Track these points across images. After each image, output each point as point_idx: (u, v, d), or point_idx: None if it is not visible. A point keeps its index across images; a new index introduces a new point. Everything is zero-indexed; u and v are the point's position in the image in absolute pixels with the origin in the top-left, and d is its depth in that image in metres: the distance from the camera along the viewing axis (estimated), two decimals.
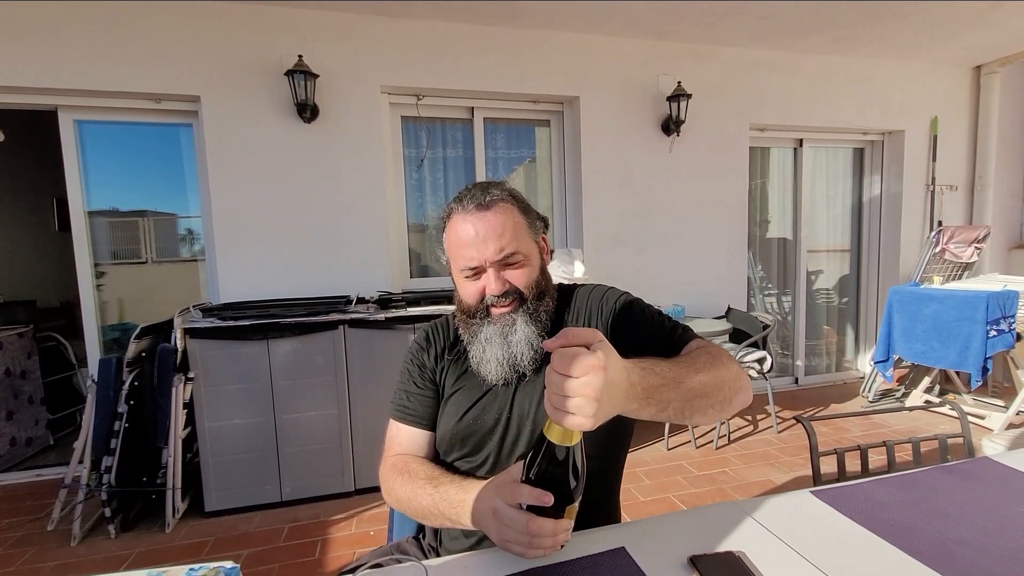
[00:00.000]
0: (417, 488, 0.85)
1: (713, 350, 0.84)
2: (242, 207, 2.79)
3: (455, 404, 0.97)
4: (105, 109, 2.74)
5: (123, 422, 2.22)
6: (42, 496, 2.64)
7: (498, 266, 0.90)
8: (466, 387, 0.98)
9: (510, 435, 0.94)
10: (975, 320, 2.89)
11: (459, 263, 0.92)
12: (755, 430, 3.34)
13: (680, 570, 0.73)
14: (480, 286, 0.92)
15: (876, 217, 4.25)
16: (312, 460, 2.51)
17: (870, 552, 0.77)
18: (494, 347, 0.92)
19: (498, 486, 0.71)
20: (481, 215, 0.90)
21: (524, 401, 0.94)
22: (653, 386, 0.67)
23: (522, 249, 0.92)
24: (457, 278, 0.96)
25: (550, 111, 3.43)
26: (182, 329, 2.26)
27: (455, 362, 1.02)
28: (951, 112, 4.10)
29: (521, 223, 0.93)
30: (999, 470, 1.02)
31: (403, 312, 2.53)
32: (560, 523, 0.67)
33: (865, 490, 0.96)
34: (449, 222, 0.94)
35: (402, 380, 1.04)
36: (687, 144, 3.49)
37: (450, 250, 0.95)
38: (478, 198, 0.91)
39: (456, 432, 0.95)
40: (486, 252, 0.89)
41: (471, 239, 0.89)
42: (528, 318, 0.92)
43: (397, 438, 1.00)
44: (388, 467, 0.94)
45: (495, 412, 0.95)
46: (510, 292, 0.91)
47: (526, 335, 0.91)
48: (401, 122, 3.18)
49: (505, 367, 0.92)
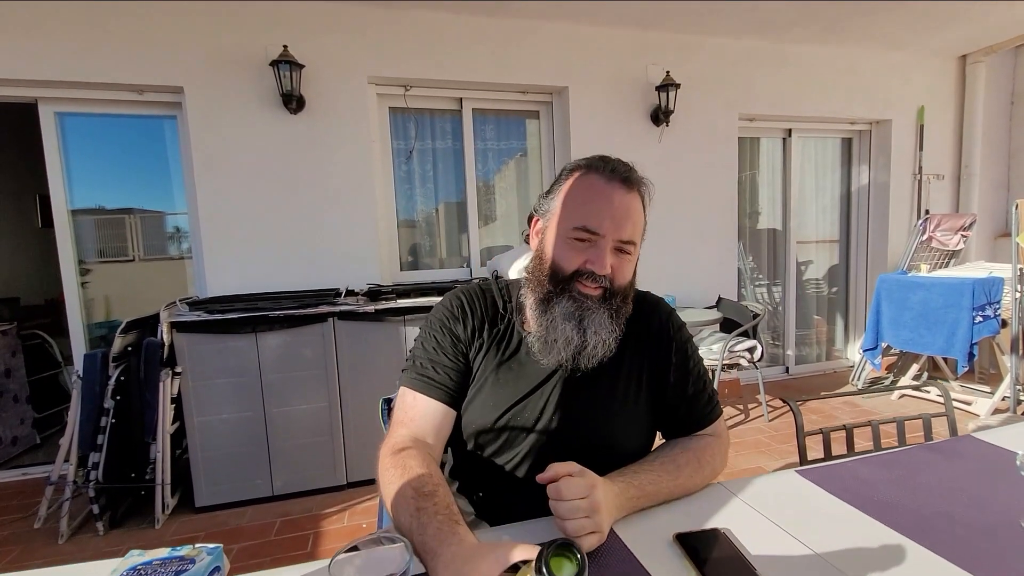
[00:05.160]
0: (402, 499, 0.74)
1: (707, 455, 0.91)
2: (228, 200, 2.76)
3: (495, 395, 0.90)
4: (87, 101, 2.69)
5: (110, 418, 2.20)
6: (28, 495, 2.60)
7: (615, 246, 0.86)
8: (509, 378, 0.91)
9: (549, 435, 0.89)
10: (961, 306, 2.93)
11: (578, 220, 0.85)
12: (746, 419, 3.36)
13: (666, 547, 0.74)
14: (584, 256, 0.85)
15: (864, 207, 4.28)
16: (303, 454, 2.49)
17: (854, 526, 0.78)
18: (568, 327, 0.86)
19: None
20: (626, 190, 0.85)
21: (571, 399, 0.90)
22: (634, 497, 0.80)
23: (636, 243, 0.88)
24: (556, 237, 0.87)
25: (539, 102, 3.41)
26: (168, 323, 2.24)
27: (495, 343, 0.94)
28: (937, 102, 4.13)
29: (642, 220, 0.89)
30: (982, 448, 1.03)
31: (393, 304, 2.52)
32: None
33: (849, 469, 0.97)
34: (581, 176, 0.88)
35: (425, 347, 0.93)
36: (677, 134, 3.49)
37: (570, 203, 0.87)
38: (625, 172, 0.87)
39: (493, 427, 0.90)
40: (615, 227, 0.84)
41: (607, 206, 0.84)
42: (610, 314, 0.87)
43: (413, 410, 0.89)
44: (389, 451, 0.83)
45: (538, 408, 0.90)
46: (607, 278, 0.86)
47: (603, 327, 0.86)
48: (389, 113, 3.15)
49: (570, 350, 0.87)
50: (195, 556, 0.58)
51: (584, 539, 0.70)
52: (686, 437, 0.96)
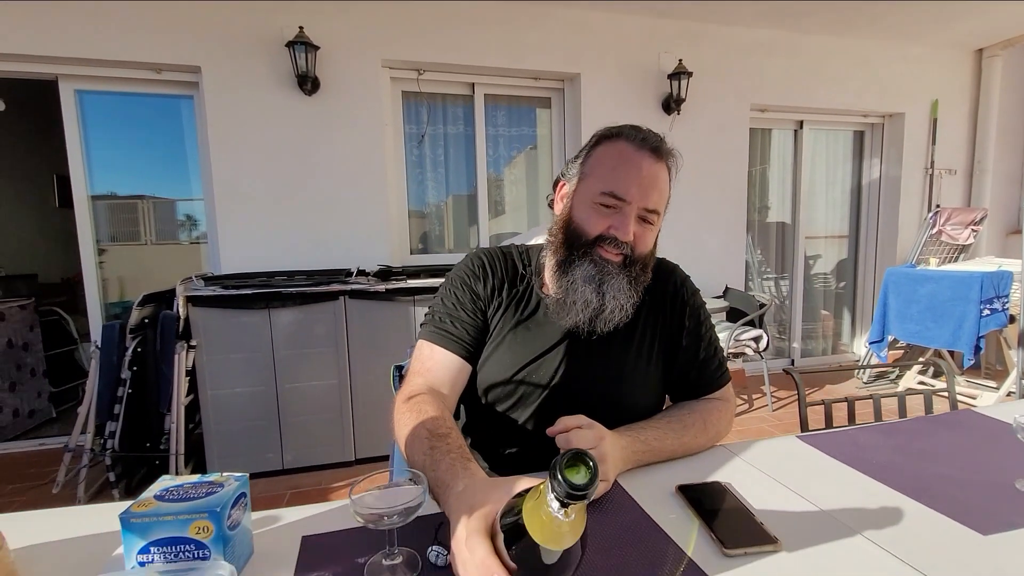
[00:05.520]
0: (416, 440, 0.77)
1: (713, 417, 0.94)
2: (243, 178, 2.80)
3: (511, 353, 0.93)
4: (106, 79, 2.74)
5: (127, 388, 2.26)
6: (46, 463, 2.68)
7: (639, 214, 0.87)
8: (524, 338, 0.94)
9: (562, 393, 0.91)
10: (969, 299, 2.92)
11: (605, 185, 0.86)
12: (750, 408, 3.39)
13: (668, 498, 0.77)
14: (608, 222, 0.86)
15: (875, 201, 4.26)
16: (313, 429, 2.55)
17: (852, 484, 0.80)
18: (587, 289, 0.87)
19: (470, 508, 0.54)
20: (655, 160, 0.87)
21: (585, 360, 0.93)
22: (640, 451, 0.84)
23: (660, 213, 0.90)
24: (582, 201, 0.89)
25: (551, 88, 3.42)
26: (184, 297, 2.28)
27: (514, 303, 0.96)
28: (951, 95, 4.09)
29: (668, 191, 0.91)
30: (981, 420, 1.05)
31: (404, 284, 2.56)
32: None
33: (850, 435, 0.99)
34: (611, 143, 0.89)
35: (445, 303, 0.96)
36: (688, 124, 3.49)
37: (598, 168, 0.89)
38: (655, 142, 0.88)
39: (507, 383, 0.92)
40: (641, 195, 0.85)
41: (635, 174, 0.85)
42: (629, 280, 0.89)
43: (429, 361, 0.91)
44: (404, 397, 0.86)
45: (553, 367, 0.92)
46: (629, 246, 0.87)
47: (622, 292, 0.88)
48: (402, 97, 3.18)
49: (588, 313, 0.88)
50: (223, 482, 0.61)
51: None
52: (694, 400, 0.99)
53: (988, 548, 0.63)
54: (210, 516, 0.55)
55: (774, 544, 0.63)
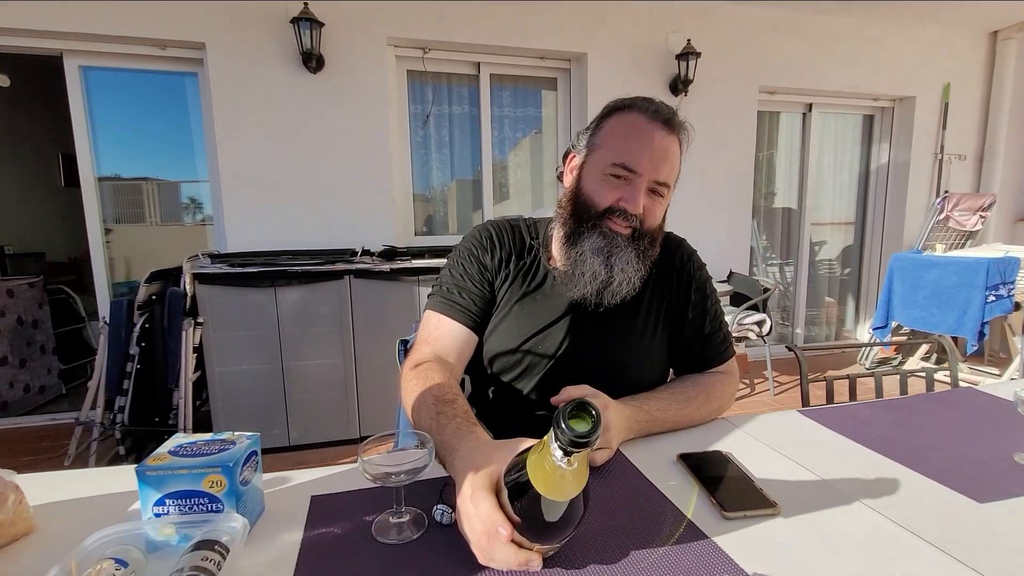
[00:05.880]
0: (423, 405, 0.78)
1: (716, 390, 0.95)
2: (248, 157, 2.79)
3: (516, 324, 0.94)
4: (110, 55, 2.72)
5: (135, 363, 2.29)
6: (57, 437, 2.73)
7: (650, 186, 0.87)
8: (531, 310, 0.94)
9: (567, 364, 0.92)
10: (974, 285, 2.91)
11: (616, 156, 0.86)
12: (752, 392, 3.40)
13: (669, 465, 0.78)
14: (618, 194, 0.86)
15: (882, 187, 4.22)
16: (318, 407, 2.58)
17: (851, 455, 0.81)
18: (596, 261, 0.87)
19: (476, 467, 0.56)
20: (667, 132, 0.86)
21: (591, 332, 0.93)
22: (643, 421, 0.85)
23: (670, 186, 0.90)
24: (592, 173, 0.89)
25: (557, 68, 3.39)
26: (191, 274, 2.30)
27: (521, 275, 0.97)
28: (964, 79, 4.02)
29: (679, 164, 0.90)
30: (982, 398, 1.05)
31: (408, 264, 2.57)
32: (523, 555, 0.51)
33: (851, 411, 1.00)
34: (623, 115, 0.88)
35: (452, 274, 0.97)
36: (695, 105, 3.45)
37: (609, 140, 0.88)
38: (668, 114, 0.87)
39: (513, 353, 0.93)
40: (652, 167, 0.85)
41: (647, 146, 0.85)
42: (637, 253, 0.89)
43: (436, 330, 0.92)
44: (411, 365, 0.87)
45: (558, 339, 0.93)
46: (638, 218, 0.87)
47: (630, 265, 0.88)
48: (407, 76, 3.15)
49: (596, 285, 0.89)
50: (235, 439, 0.63)
51: (594, 454, 0.75)
52: (698, 373, 1.00)
53: (984, 515, 0.64)
54: (223, 471, 0.57)
55: (773, 508, 0.65)
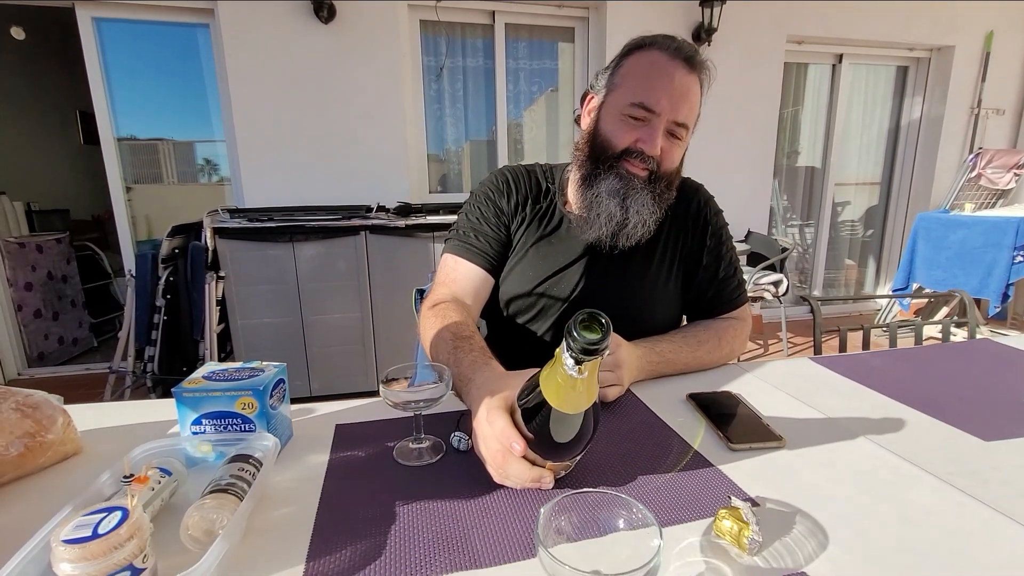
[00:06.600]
0: (441, 341, 0.81)
1: (727, 335, 0.97)
2: (262, 111, 2.77)
3: (532, 267, 0.95)
4: (122, 5, 2.69)
5: (162, 315, 2.37)
6: (93, 386, 2.87)
7: (668, 128, 0.85)
8: (547, 253, 0.95)
9: (578, 308, 0.92)
10: (1002, 245, 2.83)
11: (634, 96, 0.84)
12: (765, 353, 3.41)
13: (679, 404, 0.80)
14: (636, 135, 0.85)
15: (912, 144, 4.06)
16: (338, 360, 2.65)
17: (859, 398, 0.83)
18: (612, 203, 0.87)
19: (491, 393, 0.58)
20: (688, 71, 0.84)
21: (606, 275, 0.94)
22: (654, 362, 0.87)
23: (689, 128, 0.88)
24: (610, 113, 0.87)
25: (575, 17, 3.26)
26: (211, 228, 2.34)
27: (537, 219, 0.97)
28: (1008, 27, 3.78)
29: (698, 105, 0.88)
30: (997, 348, 1.05)
31: (423, 220, 2.57)
32: (535, 471, 0.53)
33: (863, 359, 1.01)
34: (643, 53, 0.86)
35: (469, 217, 0.98)
36: (719, 56, 3.28)
37: (628, 79, 0.86)
38: (689, 52, 0.85)
39: (529, 295, 0.95)
40: (672, 106, 0.83)
41: (666, 84, 0.83)
42: (653, 196, 0.88)
43: (454, 272, 0.94)
44: (429, 304, 0.90)
45: (573, 281, 0.94)
46: (655, 161, 0.86)
47: (646, 208, 0.87)
48: (420, 27, 3.07)
49: (611, 227, 0.88)
50: (264, 368, 0.66)
51: (606, 391, 0.77)
52: (711, 319, 1.01)
53: (988, 451, 0.66)
54: (254, 393, 0.60)
55: (779, 441, 0.67)
